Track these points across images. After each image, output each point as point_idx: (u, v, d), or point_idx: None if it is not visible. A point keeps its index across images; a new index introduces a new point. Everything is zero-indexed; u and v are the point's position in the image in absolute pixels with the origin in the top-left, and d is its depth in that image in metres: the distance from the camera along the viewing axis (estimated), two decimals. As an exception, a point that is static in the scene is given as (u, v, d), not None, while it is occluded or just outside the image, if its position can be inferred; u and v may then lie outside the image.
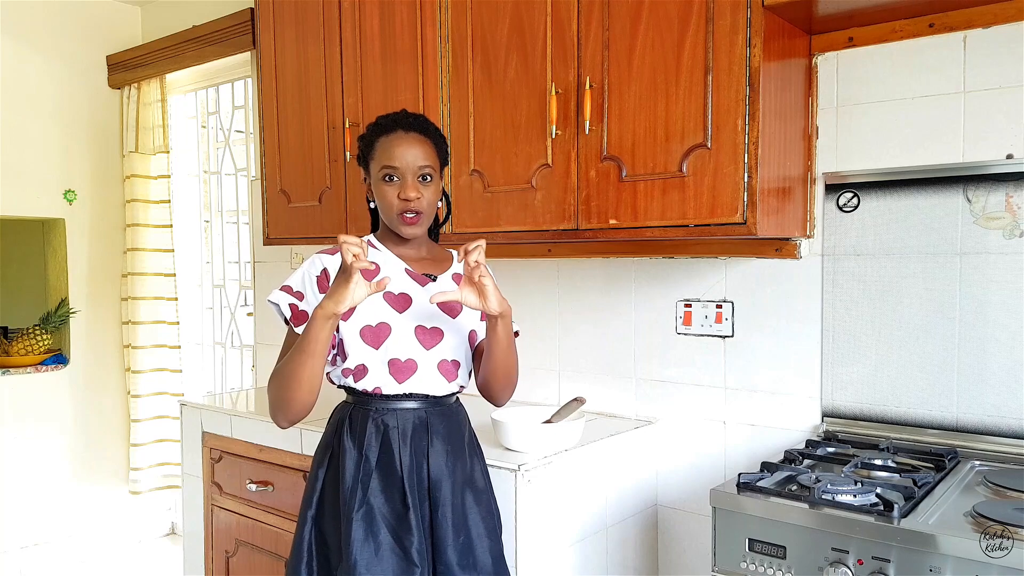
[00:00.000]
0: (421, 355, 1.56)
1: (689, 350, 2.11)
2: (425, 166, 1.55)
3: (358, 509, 1.51)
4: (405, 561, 1.50)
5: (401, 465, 1.54)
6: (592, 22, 1.81)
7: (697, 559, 2.10)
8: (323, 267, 1.57)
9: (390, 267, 1.60)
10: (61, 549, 3.55)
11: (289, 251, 3.09)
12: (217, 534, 2.47)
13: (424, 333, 1.56)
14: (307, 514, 1.59)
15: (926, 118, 1.74)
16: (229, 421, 2.39)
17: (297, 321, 1.55)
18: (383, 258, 1.61)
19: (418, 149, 1.55)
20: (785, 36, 1.72)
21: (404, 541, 1.51)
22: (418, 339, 1.56)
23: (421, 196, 1.54)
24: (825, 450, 1.76)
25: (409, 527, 1.51)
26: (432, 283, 1.61)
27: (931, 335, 1.75)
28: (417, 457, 1.55)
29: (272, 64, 2.59)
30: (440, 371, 1.58)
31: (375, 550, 1.49)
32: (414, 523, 1.51)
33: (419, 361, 1.56)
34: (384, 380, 1.55)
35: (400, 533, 1.51)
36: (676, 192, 1.70)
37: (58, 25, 3.50)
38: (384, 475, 1.54)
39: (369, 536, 1.50)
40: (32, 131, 3.44)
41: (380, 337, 1.54)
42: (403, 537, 1.51)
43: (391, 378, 1.55)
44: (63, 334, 3.61)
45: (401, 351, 1.55)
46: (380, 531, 1.50)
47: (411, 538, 1.51)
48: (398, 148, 1.54)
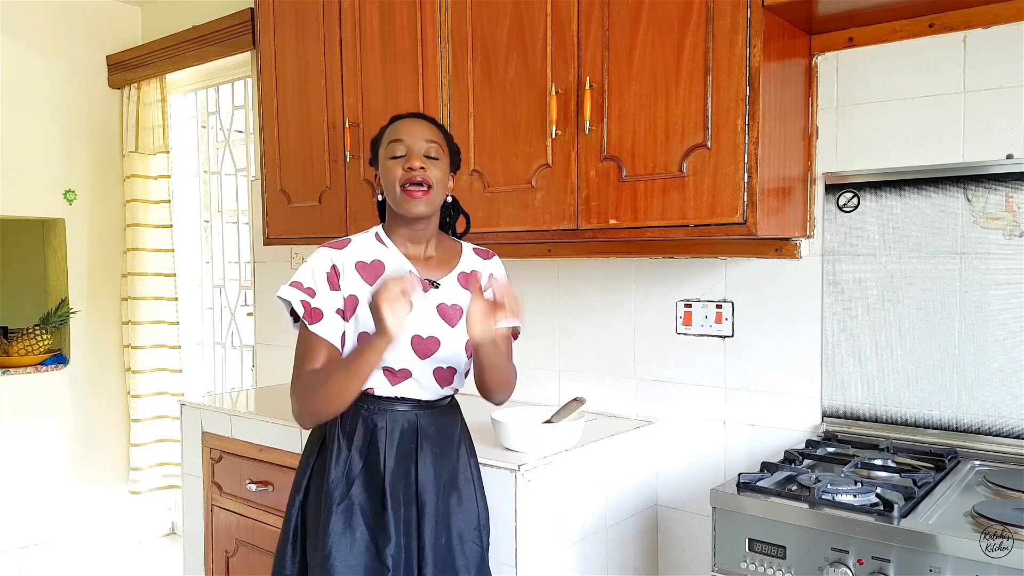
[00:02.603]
0: (416, 364, 1.54)
1: (689, 350, 2.11)
2: (432, 141, 1.55)
3: (339, 502, 1.52)
4: (377, 561, 1.50)
5: (384, 467, 1.54)
6: (592, 22, 1.81)
7: (697, 559, 2.10)
8: (332, 263, 1.55)
9: (395, 268, 1.58)
10: (61, 549, 3.55)
11: (289, 251, 3.09)
12: (217, 534, 2.47)
13: (420, 343, 1.54)
14: (295, 499, 1.62)
15: (926, 118, 1.74)
16: (229, 421, 2.39)
17: (311, 318, 1.51)
18: (390, 255, 1.59)
19: (425, 129, 1.57)
20: (785, 36, 1.72)
21: (379, 541, 1.52)
22: (414, 349, 1.53)
23: (426, 168, 1.52)
24: (825, 450, 1.76)
25: (385, 528, 1.51)
26: (434, 290, 1.58)
27: (931, 335, 1.75)
28: (404, 461, 1.55)
29: (272, 64, 2.59)
30: (435, 377, 1.57)
31: (350, 544, 1.50)
32: (391, 525, 1.51)
33: (414, 370, 1.55)
34: (377, 382, 1.55)
35: (376, 532, 1.52)
36: (676, 192, 1.70)
37: (58, 25, 3.50)
38: (368, 473, 1.55)
39: (347, 530, 1.51)
40: (32, 131, 3.44)
41: None
42: (378, 537, 1.52)
43: (384, 380, 1.55)
44: (63, 334, 3.61)
45: (395, 361, 1.53)
46: (358, 527, 1.52)
47: (386, 539, 1.51)
48: (405, 126, 1.57)
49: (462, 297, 1.59)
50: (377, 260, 1.57)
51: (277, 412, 2.29)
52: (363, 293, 1.53)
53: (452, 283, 1.61)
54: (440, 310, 1.57)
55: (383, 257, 1.58)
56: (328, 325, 1.52)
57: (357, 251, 1.58)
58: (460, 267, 1.64)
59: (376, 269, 1.56)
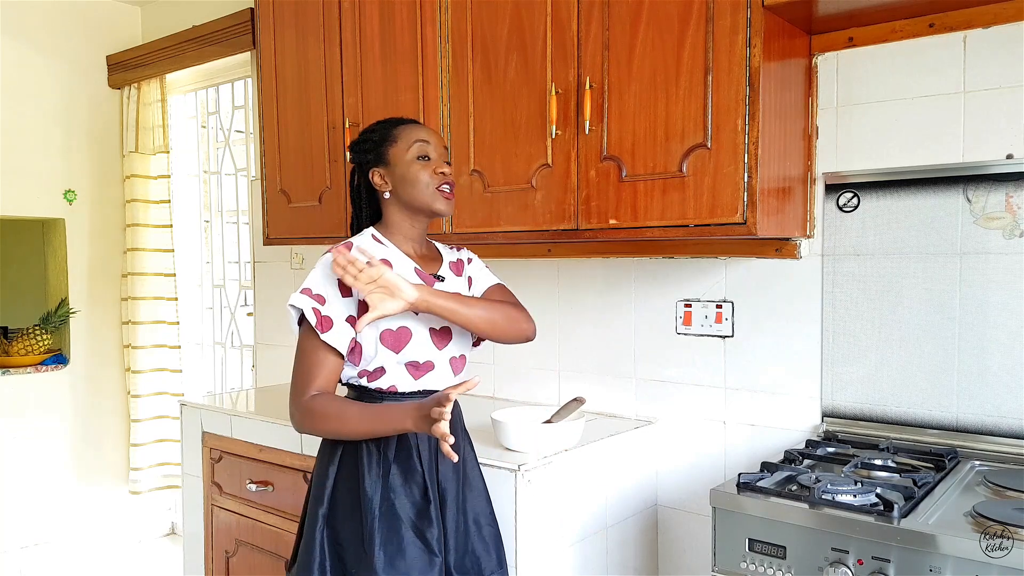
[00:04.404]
0: (436, 355, 1.59)
1: (689, 350, 2.11)
2: (447, 151, 1.65)
3: (380, 507, 1.52)
4: (427, 553, 1.52)
5: (420, 460, 1.56)
6: (592, 22, 1.81)
7: (697, 559, 2.10)
8: None
9: (401, 267, 1.59)
10: (61, 549, 3.55)
11: (289, 251, 3.09)
12: (217, 534, 2.47)
13: (436, 334, 1.58)
14: (318, 512, 1.56)
15: (926, 118, 1.74)
16: (229, 421, 2.39)
17: (322, 327, 1.50)
18: (393, 255, 1.60)
19: (436, 134, 1.66)
20: (785, 36, 1.72)
21: (426, 534, 1.53)
22: (433, 341, 1.58)
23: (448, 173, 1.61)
24: (825, 450, 1.75)
25: (430, 519, 1.53)
26: (440, 283, 1.62)
27: (931, 335, 1.75)
28: (433, 451, 1.57)
29: (272, 64, 2.59)
30: (451, 367, 1.62)
31: (397, 547, 1.50)
32: (434, 515, 1.54)
33: (435, 361, 1.59)
34: (400, 379, 1.56)
35: (421, 527, 1.53)
36: (676, 192, 1.70)
37: (58, 25, 3.50)
38: (404, 471, 1.55)
39: (391, 534, 1.50)
40: (32, 131, 3.44)
41: (401, 342, 1.54)
42: (425, 531, 1.53)
43: (408, 376, 1.57)
44: (63, 334, 3.61)
45: (420, 354, 1.56)
46: (402, 528, 1.51)
47: (432, 530, 1.53)
48: (423, 132, 1.63)
49: (459, 286, 1.68)
50: (385, 260, 1.58)
51: (277, 412, 2.29)
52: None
53: (448, 273, 1.68)
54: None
55: (389, 256, 1.60)
56: (337, 334, 1.52)
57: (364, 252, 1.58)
58: (446, 258, 1.71)
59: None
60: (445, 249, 1.75)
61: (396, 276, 1.46)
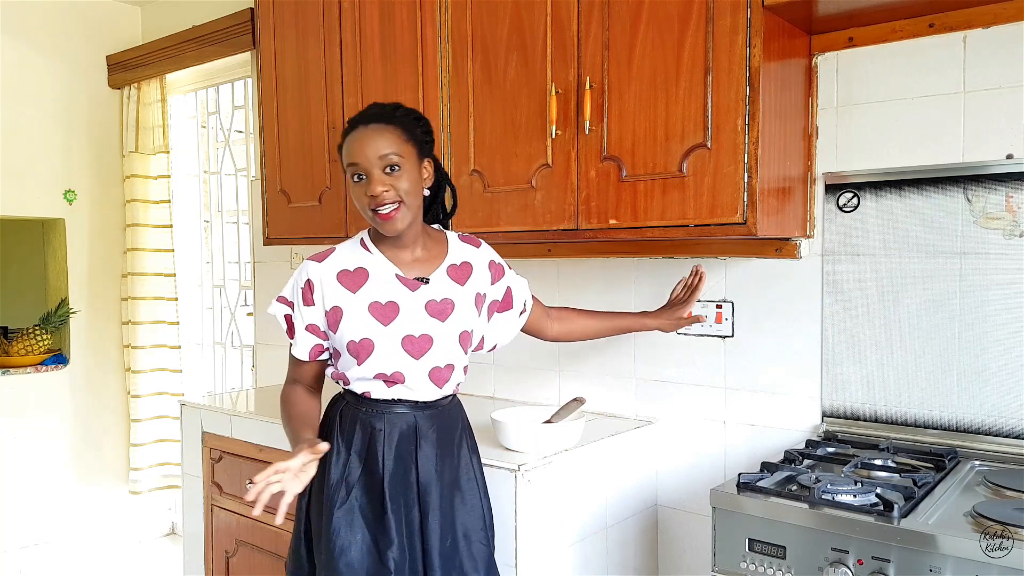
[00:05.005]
0: (409, 366, 1.53)
1: (689, 350, 2.11)
2: (388, 155, 1.47)
3: (339, 505, 1.53)
4: (379, 564, 1.51)
5: (383, 468, 1.54)
6: (592, 22, 1.81)
7: (697, 559, 2.10)
8: (308, 278, 1.56)
9: (379, 273, 1.56)
10: (61, 549, 3.55)
11: (289, 251, 3.09)
12: (217, 534, 2.47)
13: (412, 343, 1.53)
14: (301, 502, 1.64)
15: (926, 118, 1.74)
16: (229, 421, 2.39)
17: (290, 334, 1.61)
18: (373, 262, 1.57)
19: (379, 140, 1.48)
20: (785, 36, 1.72)
21: (379, 543, 1.52)
22: (405, 350, 1.52)
23: (389, 188, 1.48)
24: (825, 450, 1.76)
25: (385, 529, 1.52)
26: (424, 286, 1.56)
27: (931, 335, 1.75)
28: (403, 462, 1.55)
29: (272, 64, 2.59)
30: (431, 379, 1.56)
31: (351, 545, 1.52)
32: (392, 528, 1.51)
33: (407, 372, 1.53)
34: (373, 387, 1.55)
35: (377, 535, 1.53)
36: (676, 192, 1.70)
37: (58, 25, 3.50)
38: (368, 476, 1.55)
39: (348, 532, 1.52)
40: (32, 131, 3.44)
41: (364, 353, 1.52)
42: (379, 539, 1.52)
43: (380, 384, 1.55)
44: (63, 334, 3.61)
45: (387, 365, 1.53)
46: (359, 529, 1.53)
47: (387, 541, 1.51)
48: (356, 144, 1.49)
49: (452, 291, 1.58)
50: (361, 268, 1.56)
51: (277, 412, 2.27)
52: (346, 303, 1.54)
53: (441, 277, 1.59)
54: (429, 307, 1.55)
55: (367, 264, 1.57)
56: (298, 341, 1.60)
57: (339, 261, 1.57)
58: (449, 260, 1.61)
59: (360, 277, 1.55)
60: (459, 247, 1.64)
61: (275, 465, 1.39)
